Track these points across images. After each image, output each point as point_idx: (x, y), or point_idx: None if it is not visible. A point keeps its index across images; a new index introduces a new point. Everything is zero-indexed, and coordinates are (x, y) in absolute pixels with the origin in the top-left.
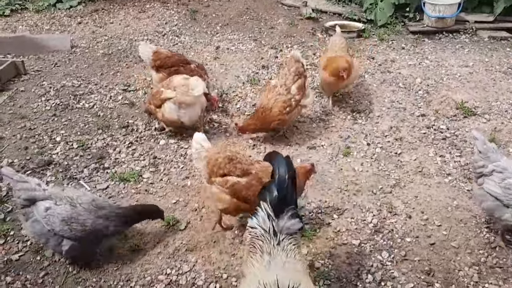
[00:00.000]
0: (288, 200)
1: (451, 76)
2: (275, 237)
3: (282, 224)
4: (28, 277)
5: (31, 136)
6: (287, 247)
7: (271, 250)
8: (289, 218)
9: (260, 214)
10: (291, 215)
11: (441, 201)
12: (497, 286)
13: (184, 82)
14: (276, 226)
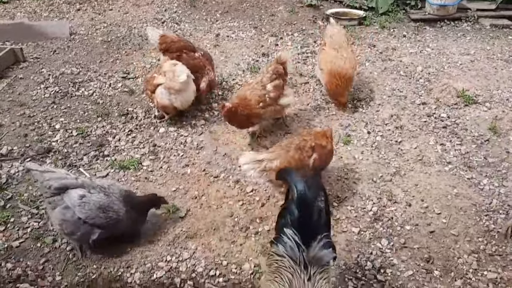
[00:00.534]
0: (317, 224)
1: (452, 64)
2: (306, 271)
3: (313, 254)
4: (28, 263)
5: (30, 123)
6: (318, 283)
7: (301, 287)
8: (321, 248)
9: (286, 241)
10: (323, 244)
11: (441, 189)
12: (496, 273)
13: (170, 68)
14: (306, 258)
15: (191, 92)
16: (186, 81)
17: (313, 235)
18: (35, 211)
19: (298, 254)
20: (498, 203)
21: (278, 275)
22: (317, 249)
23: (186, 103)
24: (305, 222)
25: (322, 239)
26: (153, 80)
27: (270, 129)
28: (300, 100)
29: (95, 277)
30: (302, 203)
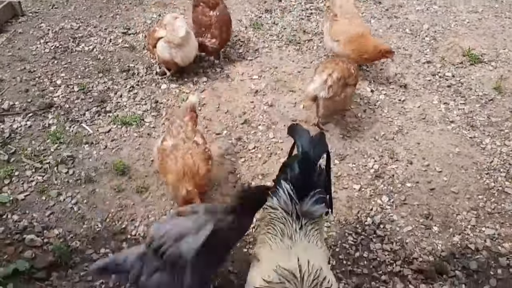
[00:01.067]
0: (315, 181)
1: (459, 22)
2: (298, 221)
3: (305, 209)
4: (34, 215)
5: (31, 79)
6: (310, 232)
7: (292, 234)
8: (313, 203)
9: (281, 195)
10: (316, 200)
11: (443, 148)
12: (493, 229)
13: (171, 21)
14: (299, 210)
15: (193, 48)
16: (185, 37)
17: (308, 191)
18: (39, 165)
19: (291, 207)
20: (499, 162)
21: (271, 227)
22: (309, 204)
23: (187, 59)
24: (303, 179)
25: (315, 194)
26: (154, 33)
27: (273, 87)
28: (304, 58)
29: (100, 230)
30: (304, 161)
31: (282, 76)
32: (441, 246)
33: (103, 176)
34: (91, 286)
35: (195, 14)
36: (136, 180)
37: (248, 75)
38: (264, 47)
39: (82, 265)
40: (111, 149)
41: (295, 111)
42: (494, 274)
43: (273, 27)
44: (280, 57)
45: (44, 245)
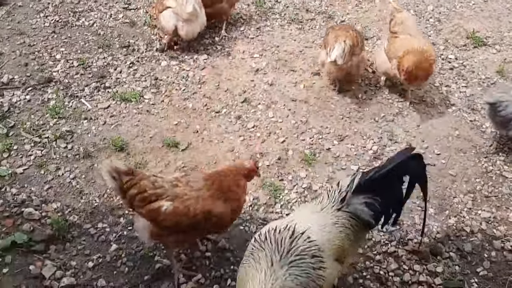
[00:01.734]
0: (376, 189)
1: (465, 4)
2: (340, 203)
3: (353, 201)
4: (32, 189)
5: (30, 52)
6: (342, 219)
7: (326, 207)
8: (362, 203)
9: (349, 178)
10: (366, 202)
11: (442, 131)
12: (489, 213)
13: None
14: (347, 197)
15: (199, 24)
16: (192, 12)
17: (367, 192)
18: (37, 140)
19: (344, 190)
20: (498, 146)
21: (319, 196)
22: (359, 201)
23: (191, 34)
24: (372, 182)
25: (370, 198)
26: (164, 1)
27: (275, 67)
28: (305, 37)
29: (97, 204)
30: (384, 168)
31: (283, 55)
32: (437, 228)
33: (101, 151)
34: (89, 259)
35: None
36: (134, 156)
37: (249, 53)
38: (266, 25)
39: (80, 239)
40: (110, 125)
41: (295, 90)
42: (488, 256)
43: (275, 5)
44: (282, 35)
45: (42, 218)
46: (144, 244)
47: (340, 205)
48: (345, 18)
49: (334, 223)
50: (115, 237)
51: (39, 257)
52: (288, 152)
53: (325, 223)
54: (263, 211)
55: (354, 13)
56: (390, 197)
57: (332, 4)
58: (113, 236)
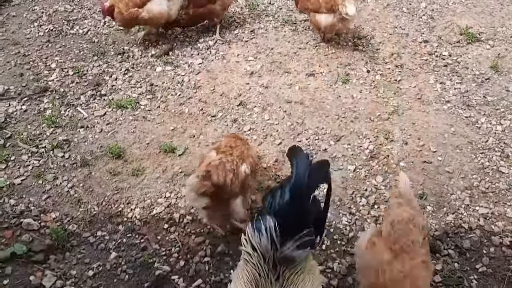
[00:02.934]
0: (304, 217)
1: (457, 1)
2: (274, 271)
3: (284, 255)
4: (31, 199)
5: (25, 62)
6: (288, 281)
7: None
8: (295, 248)
9: (263, 233)
10: (298, 245)
11: (438, 128)
12: (487, 209)
13: None
14: (276, 258)
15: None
16: None
17: (293, 231)
18: (34, 150)
19: (269, 253)
20: (494, 141)
21: (246, 272)
22: (291, 249)
23: (176, 11)
24: (291, 214)
25: (301, 237)
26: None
27: (269, 69)
28: (299, 39)
29: (96, 213)
30: (296, 189)
31: (278, 57)
32: (435, 226)
33: (98, 159)
34: (89, 268)
35: None
36: (131, 163)
37: (243, 56)
38: (260, 27)
39: (79, 247)
40: (106, 133)
41: (290, 92)
42: (487, 252)
43: (269, 7)
44: (276, 38)
45: (41, 228)
46: (143, 252)
47: (276, 273)
48: None
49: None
50: (115, 245)
51: (39, 267)
52: (284, 154)
53: None
54: None
55: None
56: (314, 217)
57: None
58: (112, 244)
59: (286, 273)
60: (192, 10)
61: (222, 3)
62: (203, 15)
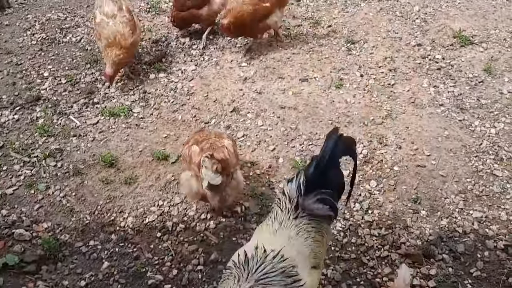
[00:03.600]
0: (327, 181)
1: (450, 3)
2: (295, 211)
3: (306, 203)
4: (23, 209)
5: (18, 71)
6: (303, 226)
7: (283, 221)
8: (316, 201)
9: (293, 182)
10: (319, 199)
11: (432, 132)
12: (481, 212)
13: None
14: (300, 202)
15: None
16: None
17: (316, 188)
18: (27, 159)
19: (294, 196)
20: (488, 144)
21: (273, 209)
22: (312, 200)
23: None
24: (317, 176)
25: (322, 194)
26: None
27: (263, 74)
28: (292, 44)
29: (88, 222)
30: (322, 159)
31: (271, 62)
32: (429, 230)
33: (91, 168)
34: (81, 278)
35: None
36: (124, 171)
37: (237, 62)
38: None
39: (72, 257)
40: (99, 141)
41: (284, 97)
42: (481, 256)
43: None
44: (269, 43)
45: (33, 239)
46: (136, 261)
47: (296, 213)
48: (331, 23)
49: (297, 233)
50: (107, 254)
51: (31, 278)
52: (278, 160)
53: (289, 236)
54: (255, 221)
55: (340, 17)
56: (337, 182)
57: (318, 10)
58: (104, 254)
59: (304, 219)
60: (174, 12)
61: (208, 9)
62: (189, 19)
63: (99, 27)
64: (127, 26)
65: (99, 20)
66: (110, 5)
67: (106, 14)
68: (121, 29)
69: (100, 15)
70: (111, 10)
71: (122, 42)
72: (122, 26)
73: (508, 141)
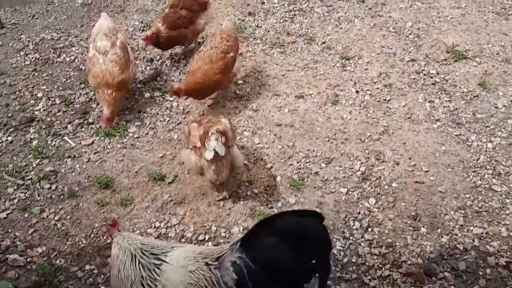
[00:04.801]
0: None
1: (443, 19)
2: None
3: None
4: (17, 234)
5: (11, 92)
6: (200, 274)
7: (201, 257)
8: (231, 261)
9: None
10: (235, 262)
11: (429, 147)
12: (482, 228)
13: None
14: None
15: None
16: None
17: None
18: (20, 182)
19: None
20: (485, 159)
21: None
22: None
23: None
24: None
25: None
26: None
27: (258, 92)
28: (287, 61)
29: (84, 245)
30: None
31: (267, 80)
32: (430, 248)
33: (86, 190)
34: None
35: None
36: (120, 192)
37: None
38: (248, 50)
39: (67, 283)
40: (94, 162)
41: (280, 115)
42: (483, 274)
43: (256, 30)
44: (264, 60)
45: (27, 264)
46: None
47: (212, 261)
48: (325, 39)
49: (191, 271)
50: (103, 279)
51: None
52: (276, 178)
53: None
54: None
55: (334, 33)
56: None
57: (312, 26)
58: (101, 278)
59: (209, 271)
60: (165, 31)
61: (193, 28)
62: (176, 39)
63: (90, 63)
64: (116, 64)
65: (91, 55)
66: (104, 41)
67: (98, 49)
68: (110, 68)
69: (92, 49)
70: (104, 46)
71: (110, 81)
72: (112, 65)
73: (505, 156)
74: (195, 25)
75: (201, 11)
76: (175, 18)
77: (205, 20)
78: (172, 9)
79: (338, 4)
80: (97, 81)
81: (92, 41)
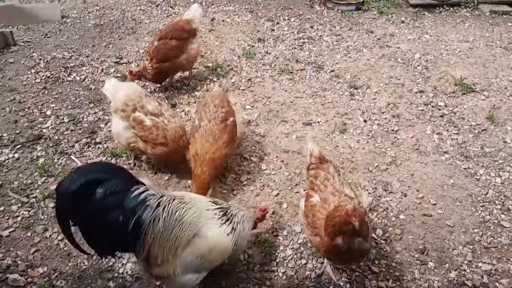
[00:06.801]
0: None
1: (451, 52)
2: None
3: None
4: (18, 253)
5: (20, 109)
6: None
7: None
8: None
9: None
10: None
11: (437, 179)
12: (490, 265)
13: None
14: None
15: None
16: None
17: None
18: (25, 200)
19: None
20: (494, 194)
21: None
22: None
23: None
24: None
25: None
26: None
27: (266, 117)
28: (296, 88)
29: (86, 267)
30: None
31: (275, 106)
32: (438, 283)
33: None
34: None
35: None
36: None
37: (240, 104)
38: (257, 76)
39: None
40: None
41: (287, 141)
42: None
43: (266, 56)
44: (273, 86)
45: (27, 284)
46: None
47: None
48: (334, 67)
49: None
50: None
51: None
52: (282, 206)
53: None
54: (258, 269)
55: (343, 62)
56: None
57: (321, 54)
58: None
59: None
60: (156, 65)
61: (188, 56)
62: (171, 68)
63: (158, 130)
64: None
65: (152, 123)
66: (152, 103)
67: (153, 112)
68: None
69: (145, 116)
70: (156, 107)
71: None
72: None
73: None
74: (187, 51)
75: (191, 38)
76: (166, 50)
77: (197, 45)
78: (162, 41)
79: (347, 33)
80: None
81: (139, 107)
